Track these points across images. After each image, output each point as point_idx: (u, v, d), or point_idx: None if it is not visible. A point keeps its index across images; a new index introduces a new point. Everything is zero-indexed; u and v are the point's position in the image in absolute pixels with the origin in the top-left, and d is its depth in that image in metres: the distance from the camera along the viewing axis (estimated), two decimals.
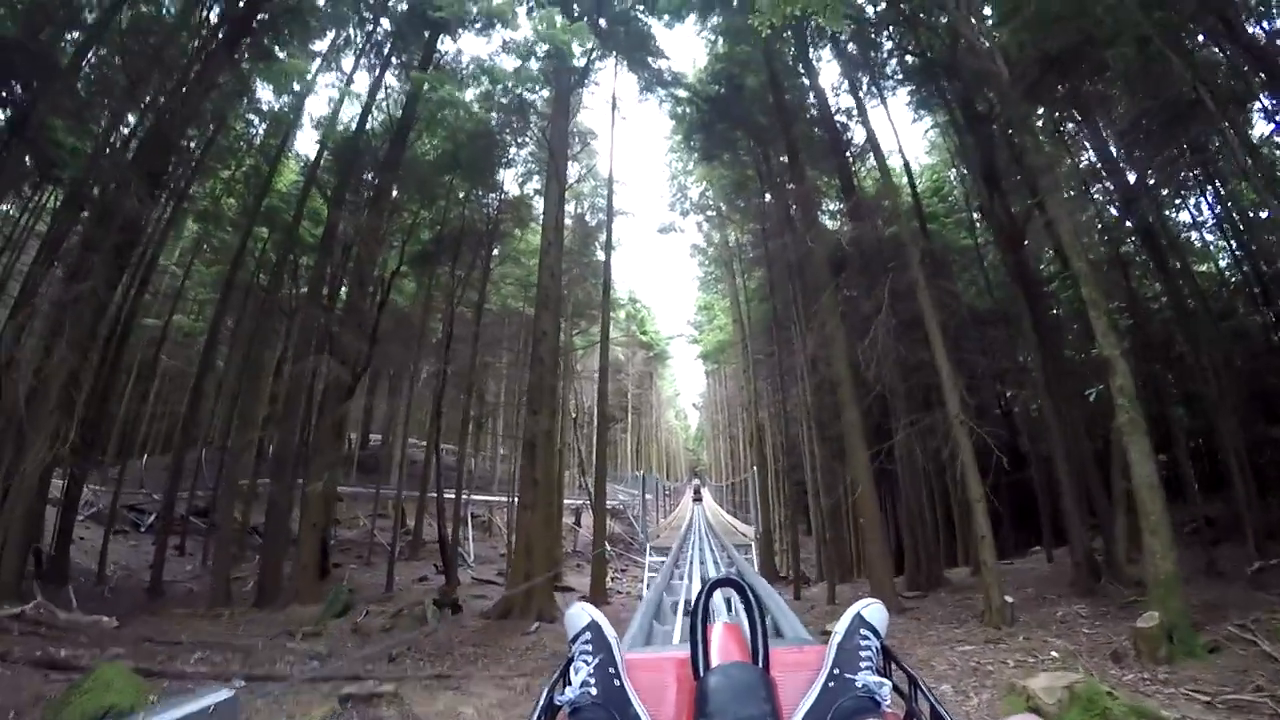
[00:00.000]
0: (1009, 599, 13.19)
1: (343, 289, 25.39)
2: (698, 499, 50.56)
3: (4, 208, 25.07)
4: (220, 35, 20.50)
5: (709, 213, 40.27)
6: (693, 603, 1.78)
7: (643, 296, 69.94)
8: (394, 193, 27.36)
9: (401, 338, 31.10)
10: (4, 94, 19.05)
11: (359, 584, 26.05)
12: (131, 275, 25.17)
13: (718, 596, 3.28)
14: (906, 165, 27.40)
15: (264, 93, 27.54)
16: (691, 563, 14.91)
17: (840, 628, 1.65)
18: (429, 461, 29.72)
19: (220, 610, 18.10)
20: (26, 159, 22.07)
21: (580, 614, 1.76)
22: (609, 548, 36.48)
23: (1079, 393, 18.69)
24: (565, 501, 37.24)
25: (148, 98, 20.60)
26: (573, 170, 36.36)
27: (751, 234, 36.63)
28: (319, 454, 20.32)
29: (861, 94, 23.61)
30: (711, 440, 70.45)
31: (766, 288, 33.70)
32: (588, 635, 1.69)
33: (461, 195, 30.01)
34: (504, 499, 37.20)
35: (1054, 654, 10.53)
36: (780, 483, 36.58)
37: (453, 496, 29.11)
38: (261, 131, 28.74)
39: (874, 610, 1.68)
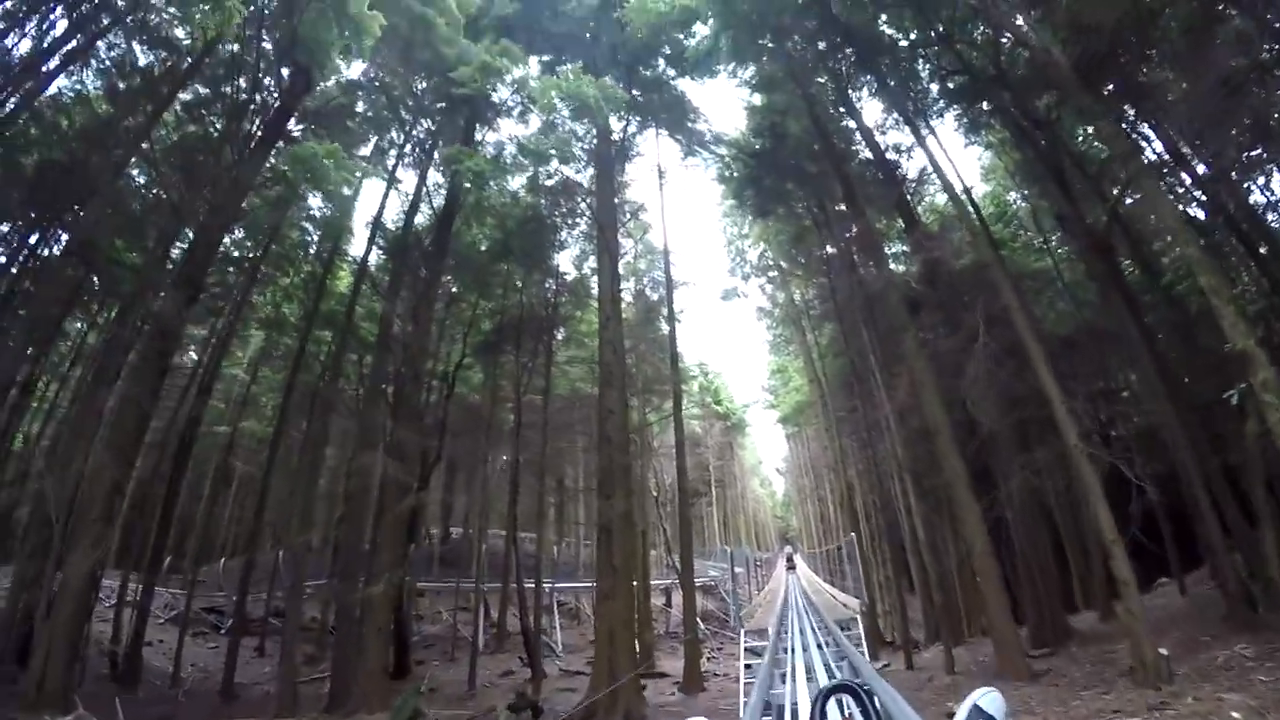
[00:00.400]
0: (1162, 650, 11.04)
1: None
2: (791, 567, 47.91)
3: (78, 325, 25.49)
4: (257, 140, 20.40)
5: (771, 273, 39.00)
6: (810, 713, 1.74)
7: (714, 367, 68.39)
8: (444, 279, 27.12)
9: (471, 430, 30.35)
10: (65, 218, 19.22)
11: (441, 682, 24.70)
12: (199, 384, 25.45)
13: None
14: (968, 192, 25.63)
15: (314, 200, 27.85)
16: (792, 651, 12.91)
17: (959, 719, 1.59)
18: (509, 551, 28.44)
19: (286, 717, 16.92)
20: (95, 280, 22.51)
21: None
22: (702, 626, 34.36)
23: (1195, 402, 16.36)
24: (653, 582, 35.36)
25: (198, 210, 20.62)
26: (627, 245, 35.79)
27: (817, 289, 35.24)
28: (382, 553, 19.13)
29: (912, 116, 22.20)
30: (799, 505, 67.03)
31: (840, 341, 31.90)
32: None
33: (519, 283, 29.46)
34: (591, 585, 35.57)
35: (1235, 715, 8.49)
36: (878, 543, 34.13)
37: (535, 585, 27.83)
38: (316, 238, 28.75)
39: (991, 699, 1.61)
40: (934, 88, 23.16)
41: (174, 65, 19.68)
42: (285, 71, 22.25)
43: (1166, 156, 19.43)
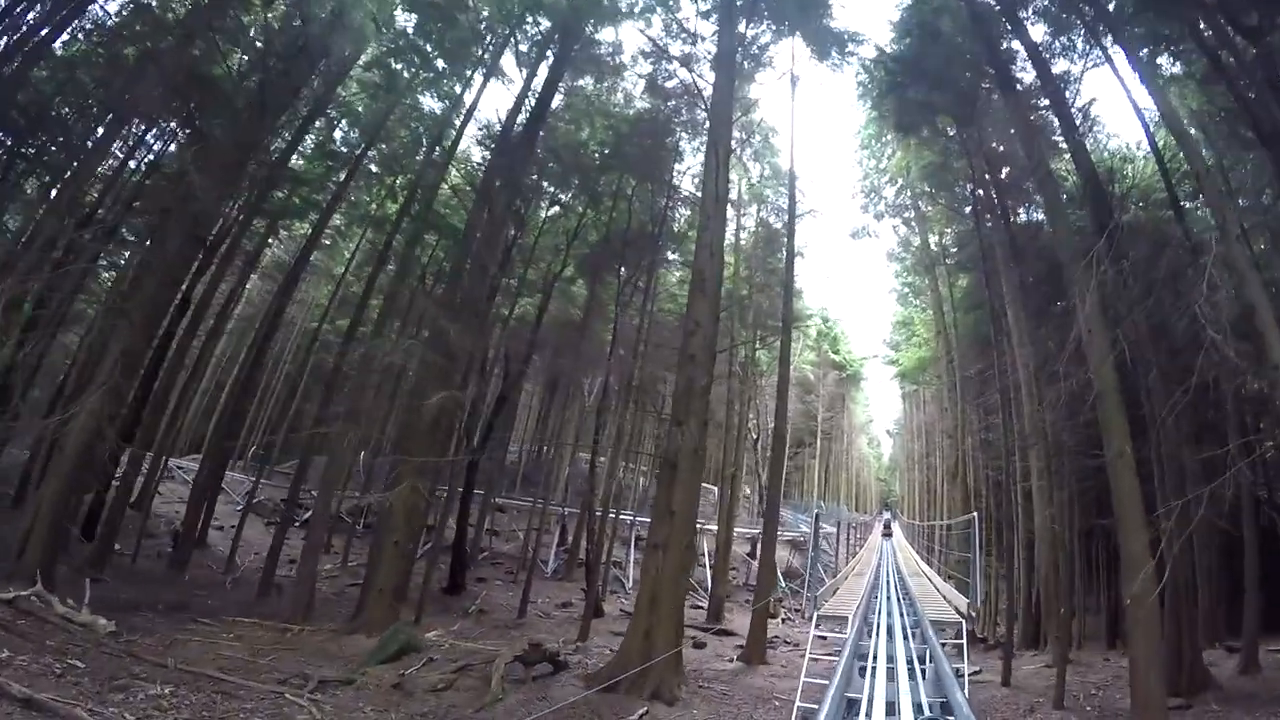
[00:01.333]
0: None
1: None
2: (887, 534, 43.64)
3: None
4: None
5: (906, 214, 34.22)
6: None
7: (835, 314, 62.68)
8: (547, 186, 25.42)
9: (573, 347, 27.83)
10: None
11: (494, 605, 22.76)
12: (288, 279, 24.99)
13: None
14: (1148, 131, 20.16)
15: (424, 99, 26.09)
16: (873, 668, 8.73)
17: None
18: (590, 476, 25.91)
19: (291, 625, 14.95)
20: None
21: None
22: (783, 585, 31.23)
23: None
24: (739, 530, 32.25)
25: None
26: (754, 169, 32.11)
27: (955, 236, 30.69)
28: (406, 456, 16.42)
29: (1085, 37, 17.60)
30: (905, 471, 60.41)
31: (980, 290, 26.81)
32: None
33: (631, 195, 26.27)
34: None
35: None
36: (987, 525, 29.59)
37: (601, 514, 25.31)
38: (424, 137, 26.54)
39: None
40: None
41: None
42: None
43: None
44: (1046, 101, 19.54)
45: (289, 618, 15.46)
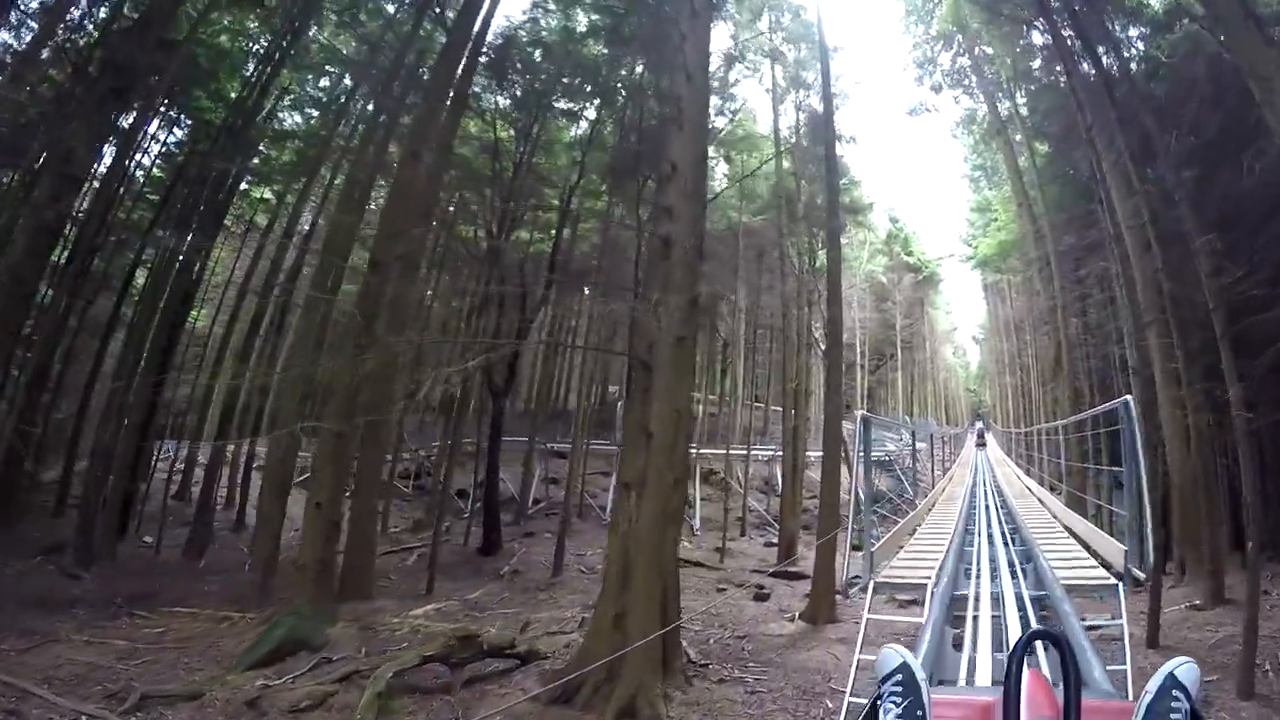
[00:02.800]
0: None
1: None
2: (981, 444, 37.64)
3: None
4: None
5: (967, 81, 28.43)
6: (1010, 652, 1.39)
7: (904, 217, 55.75)
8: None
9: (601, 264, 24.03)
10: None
11: (531, 564, 19.28)
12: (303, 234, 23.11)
13: None
14: None
15: None
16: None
17: (1152, 687, 1.37)
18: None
19: (231, 614, 11.68)
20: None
21: (892, 655, 1.51)
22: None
23: None
24: (813, 455, 27.68)
25: None
26: (788, 52, 27.22)
27: (1027, 93, 25.30)
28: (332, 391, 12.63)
29: None
30: (995, 376, 51.57)
31: (1069, 131, 21.12)
32: (899, 677, 1.46)
33: (641, 82, 21.61)
34: (741, 450, 29.03)
35: None
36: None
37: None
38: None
39: (1186, 670, 1.37)
40: None
41: None
42: None
43: None
44: None
45: (247, 604, 12.30)
